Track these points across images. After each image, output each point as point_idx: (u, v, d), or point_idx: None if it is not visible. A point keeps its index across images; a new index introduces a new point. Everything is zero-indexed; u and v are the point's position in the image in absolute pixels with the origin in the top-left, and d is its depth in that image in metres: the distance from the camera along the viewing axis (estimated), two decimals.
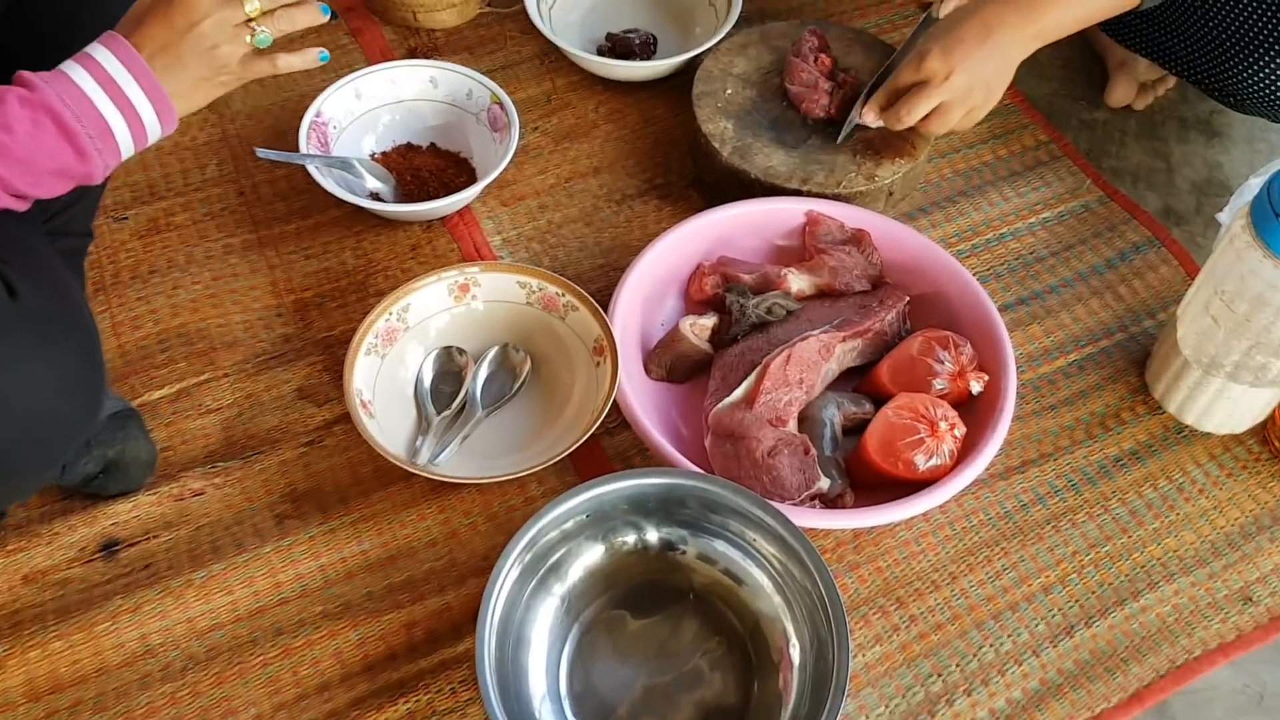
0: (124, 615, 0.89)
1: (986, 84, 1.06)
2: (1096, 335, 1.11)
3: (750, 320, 1.03)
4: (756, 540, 0.88)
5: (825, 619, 0.82)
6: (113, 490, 0.94)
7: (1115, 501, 1.00)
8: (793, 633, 0.87)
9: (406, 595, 0.92)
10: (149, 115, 0.78)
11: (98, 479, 0.93)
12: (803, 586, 0.85)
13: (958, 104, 1.07)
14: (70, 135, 0.75)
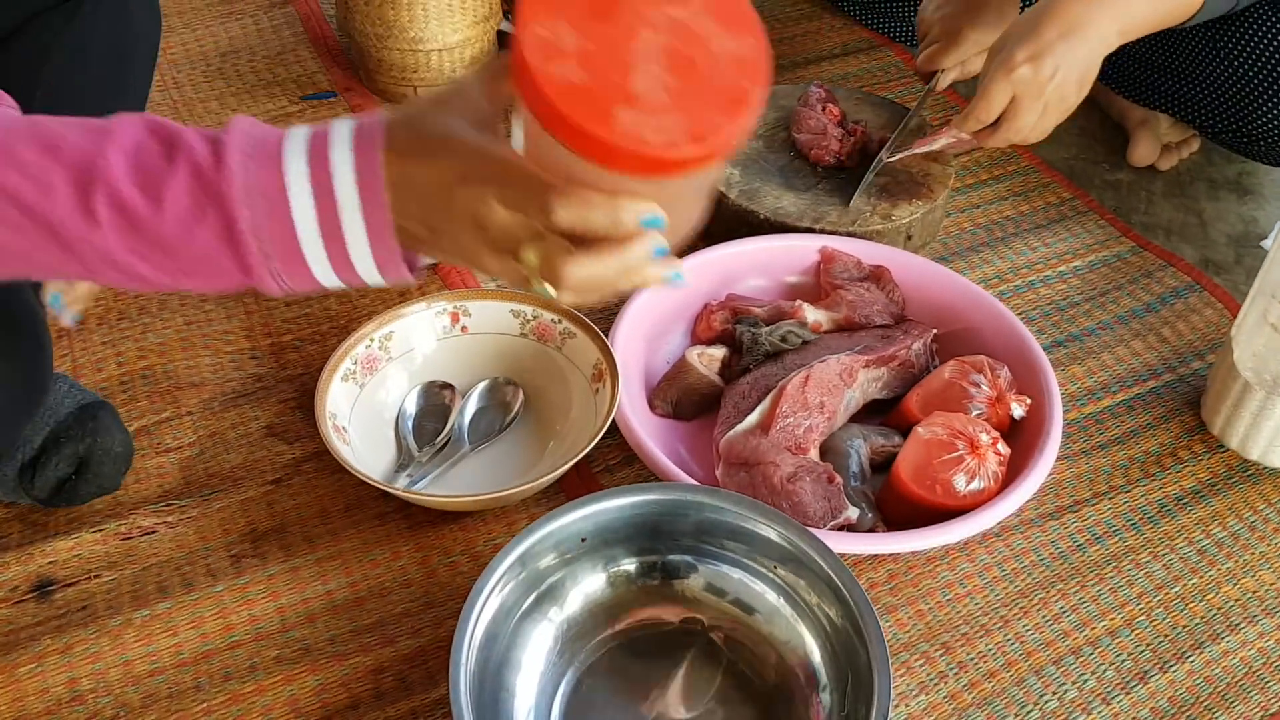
0: (52, 656, 0.78)
1: (1079, 82, 0.99)
2: (1143, 376, 1.02)
3: (764, 349, 0.94)
4: (779, 569, 0.77)
5: (865, 659, 0.70)
6: (87, 494, 0.84)
7: (1181, 541, 0.89)
8: (824, 675, 0.75)
9: (375, 639, 0.80)
10: (364, 260, 0.59)
11: (69, 483, 0.83)
12: (836, 623, 0.74)
13: (1054, 107, 1.00)
14: (237, 247, 0.57)
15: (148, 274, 0.58)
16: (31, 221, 0.55)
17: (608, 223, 0.55)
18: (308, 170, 0.57)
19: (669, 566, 0.79)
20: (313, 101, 1.30)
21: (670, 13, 0.52)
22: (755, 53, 0.52)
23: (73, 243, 0.56)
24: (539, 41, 0.50)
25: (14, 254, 0.57)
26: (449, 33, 1.24)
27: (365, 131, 0.58)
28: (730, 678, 0.77)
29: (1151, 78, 1.22)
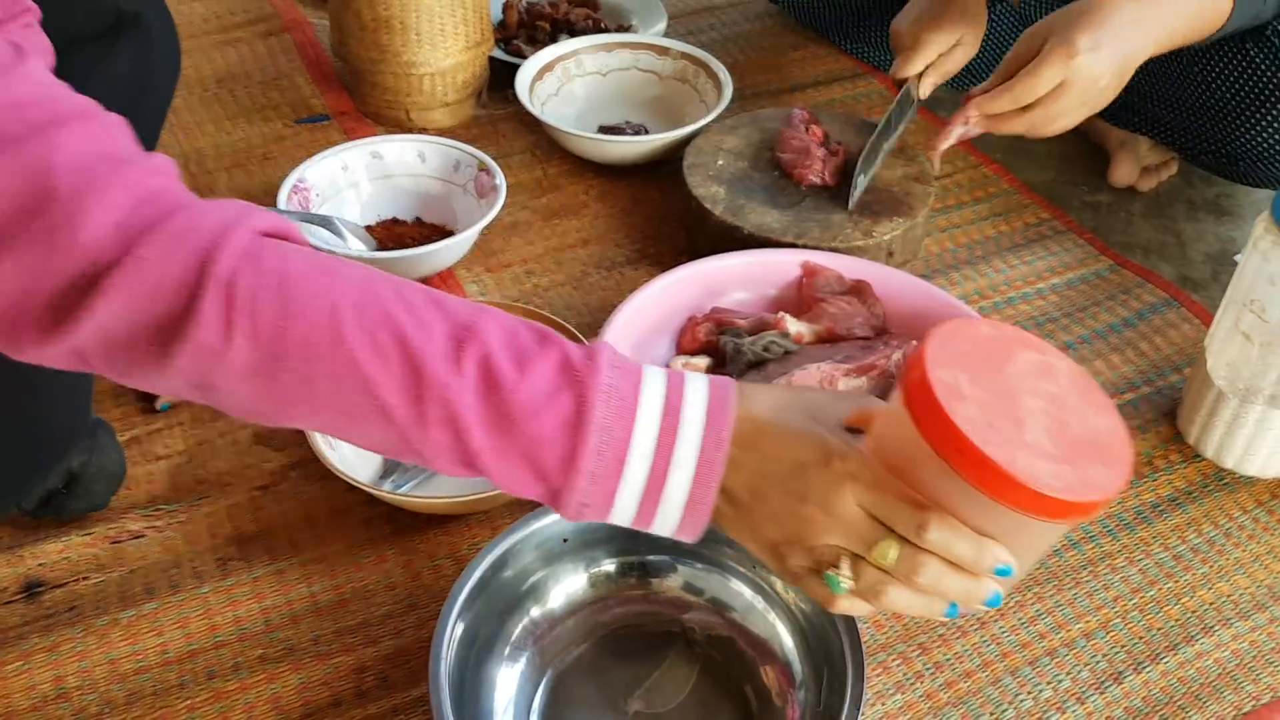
0: (39, 654, 0.79)
1: (1116, 86, 1.00)
2: (1120, 388, 1.04)
3: (746, 359, 0.96)
4: (757, 568, 0.78)
5: (841, 655, 0.71)
6: (74, 509, 0.86)
7: (1157, 547, 0.90)
8: (800, 673, 0.76)
9: (358, 639, 0.81)
10: (670, 514, 0.59)
11: (57, 496, 0.84)
12: (813, 620, 0.75)
13: (1086, 106, 1.00)
14: (577, 436, 0.57)
15: (476, 442, 0.57)
16: (401, 353, 0.56)
17: (971, 558, 0.56)
18: (664, 391, 0.59)
19: (649, 567, 0.80)
20: (307, 124, 1.32)
21: (1045, 386, 0.59)
22: (1119, 429, 0.59)
23: (429, 386, 0.56)
24: (944, 384, 0.56)
25: (362, 382, 0.56)
26: (441, 57, 1.27)
27: (721, 382, 0.60)
28: (708, 676, 0.78)
29: (1132, 101, 1.24)
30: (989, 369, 0.59)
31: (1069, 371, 0.61)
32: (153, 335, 0.53)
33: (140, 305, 0.52)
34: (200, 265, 0.53)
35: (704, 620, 0.79)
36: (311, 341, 0.55)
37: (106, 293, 0.51)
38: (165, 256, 0.52)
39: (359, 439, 0.60)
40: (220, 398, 0.57)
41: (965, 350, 0.59)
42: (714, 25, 1.57)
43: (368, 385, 0.56)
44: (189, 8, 1.51)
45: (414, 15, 1.24)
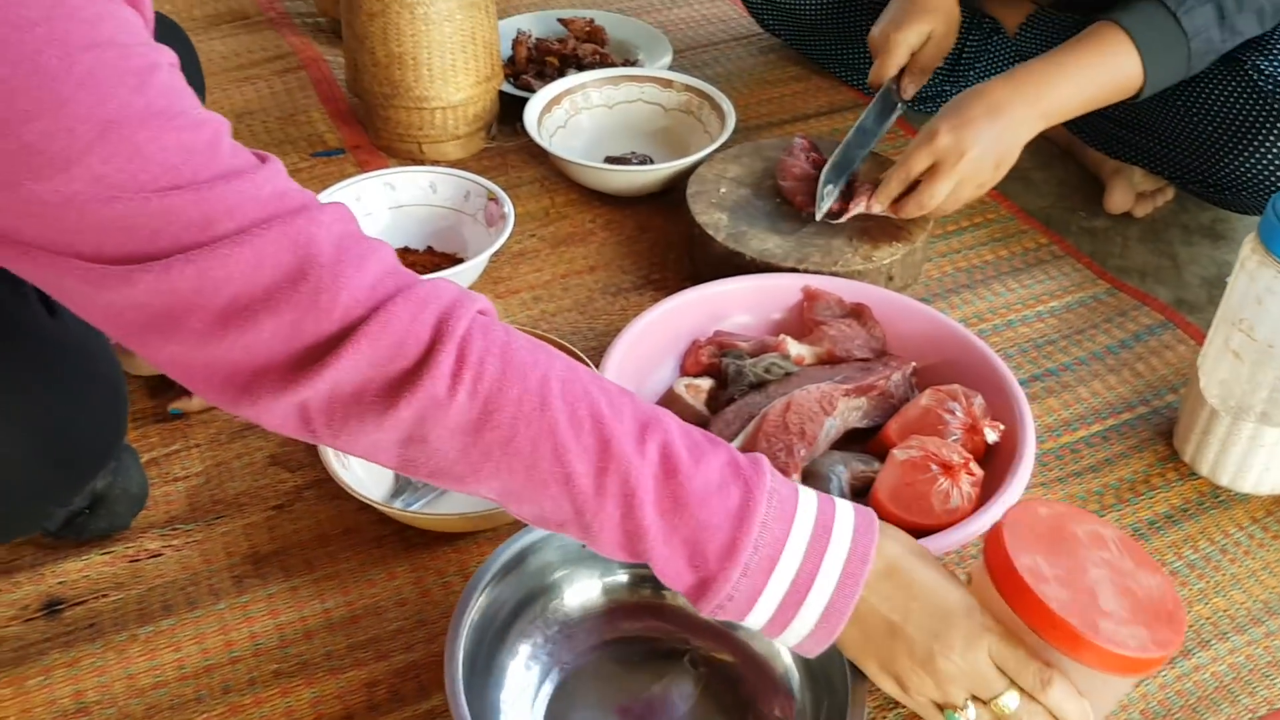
0: (59, 670, 0.81)
1: (996, 161, 1.08)
2: (1118, 409, 1.06)
3: (748, 380, 0.98)
4: None
5: (841, 671, 0.73)
6: (96, 530, 0.88)
7: None
8: (799, 690, 0.77)
9: (370, 654, 0.83)
10: (805, 620, 0.65)
11: (81, 516, 0.87)
12: None
13: (969, 181, 1.08)
14: (741, 525, 0.63)
15: (646, 520, 0.62)
16: (594, 426, 0.62)
17: (1077, 716, 0.66)
18: (816, 505, 0.66)
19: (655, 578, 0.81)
20: (323, 158, 1.36)
21: (1102, 554, 0.71)
22: (1168, 585, 0.70)
23: (614, 459, 0.62)
24: (1028, 569, 0.67)
25: (555, 449, 0.61)
26: (452, 92, 1.31)
27: (866, 511, 0.68)
28: (709, 692, 0.79)
29: (1120, 133, 1.27)
30: (1057, 547, 0.70)
31: (1115, 537, 0.72)
32: (383, 387, 0.59)
33: (380, 357, 0.58)
34: (439, 324, 0.60)
35: (707, 635, 0.81)
36: (522, 403, 0.61)
37: (355, 343, 0.57)
38: (411, 315, 0.59)
39: (533, 505, 0.64)
40: (423, 453, 0.62)
41: (1035, 532, 0.70)
42: (718, 59, 1.61)
43: (559, 451, 0.61)
44: (209, 46, 1.56)
45: (426, 52, 1.27)
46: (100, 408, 0.77)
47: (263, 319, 0.56)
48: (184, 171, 0.55)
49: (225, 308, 0.56)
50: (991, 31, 1.43)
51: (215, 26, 1.62)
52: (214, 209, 0.55)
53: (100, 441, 0.79)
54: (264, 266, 0.56)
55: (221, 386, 0.59)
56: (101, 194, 0.53)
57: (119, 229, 0.54)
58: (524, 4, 1.75)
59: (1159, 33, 1.05)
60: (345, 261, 0.58)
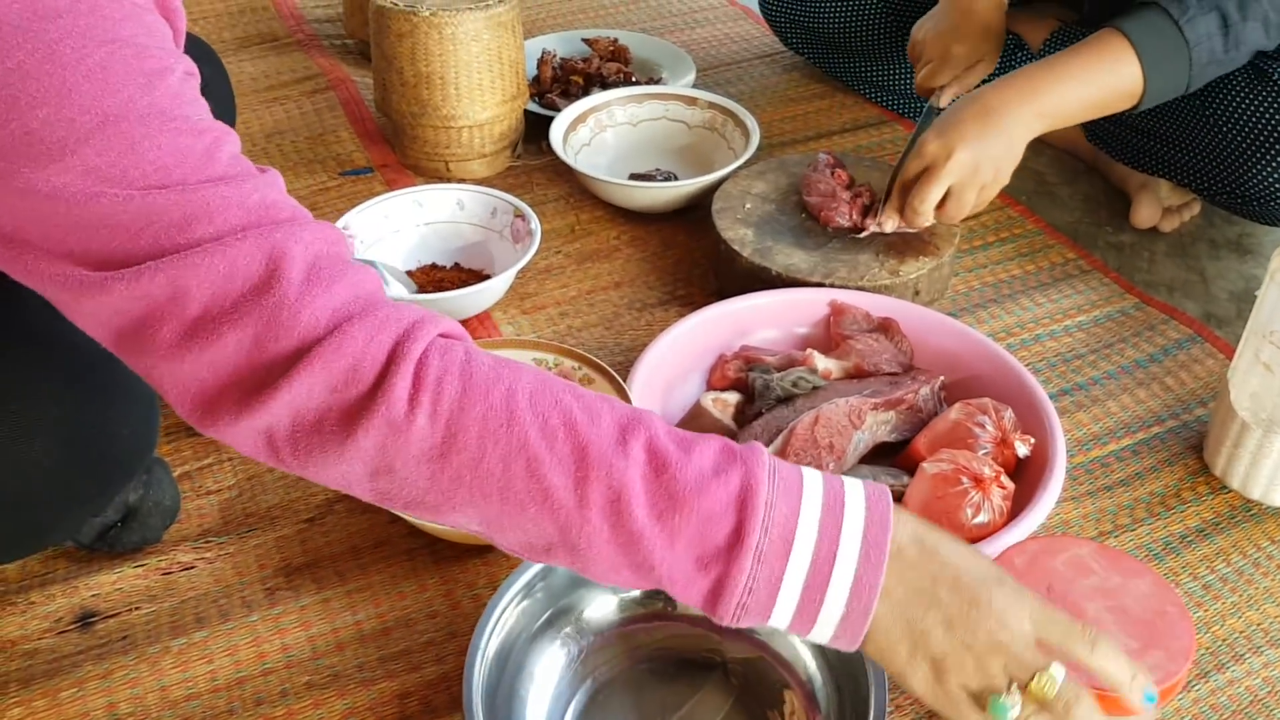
0: (93, 682, 0.82)
1: (994, 162, 1.07)
2: (1148, 422, 1.05)
3: (775, 394, 0.98)
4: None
5: (864, 678, 0.73)
6: (129, 542, 0.89)
7: (1185, 576, 0.91)
8: (823, 699, 0.77)
9: (401, 666, 0.83)
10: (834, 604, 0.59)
11: (114, 529, 0.87)
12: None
13: (968, 184, 1.07)
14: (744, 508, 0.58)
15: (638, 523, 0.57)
16: (568, 435, 0.58)
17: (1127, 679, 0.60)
18: (822, 480, 0.60)
19: None
20: (350, 177, 1.37)
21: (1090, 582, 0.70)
22: (1157, 582, 0.71)
23: (593, 467, 0.58)
24: None
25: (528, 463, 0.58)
26: (479, 110, 1.32)
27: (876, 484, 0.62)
28: (739, 707, 0.79)
29: (1146, 144, 1.27)
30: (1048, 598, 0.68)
31: (1092, 553, 0.72)
32: (342, 414, 0.57)
33: (336, 381, 0.56)
34: (395, 347, 0.57)
35: (735, 646, 0.81)
36: (487, 420, 0.58)
37: (308, 365, 0.55)
38: (367, 338, 0.57)
39: (516, 532, 0.60)
40: (393, 483, 0.59)
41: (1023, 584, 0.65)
42: (741, 77, 1.61)
43: (533, 466, 0.58)
44: (239, 68, 1.58)
45: (453, 71, 1.29)
46: (131, 416, 0.78)
47: (226, 331, 0.55)
48: (175, 173, 0.55)
49: (196, 319, 0.55)
50: (1016, 48, 1.43)
51: (245, 49, 1.65)
52: (195, 210, 0.55)
53: (132, 449, 0.80)
54: (235, 277, 0.55)
55: (192, 405, 0.58)
56: (90, 187, 0.53)
57: (103, 225, 0.54)
58: (549, 24, 1.76)
59: (1160, 39, 1.05)
60: (315, 281, 0.57)
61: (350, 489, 0.61)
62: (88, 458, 0.75)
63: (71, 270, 0.55)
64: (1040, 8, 1.42)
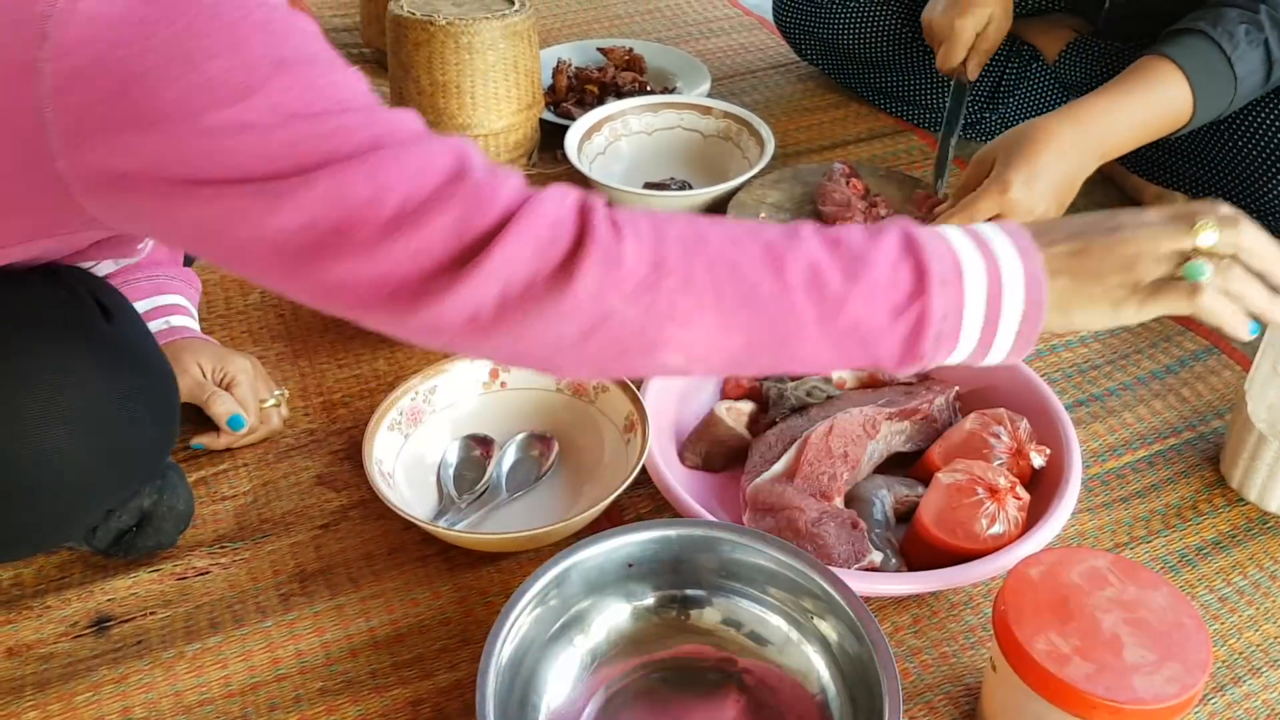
0: (108, 686, 0.82)
1: (1059, 201, 1.08)
2: (1164, 433, 1.05)
3: (789, 403, 0.98)
4: (799, 602, 0.79)
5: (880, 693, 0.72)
6: (144, 547, 0.89)
7: (1202, 589, 0.90)
8: (837, 710, 0.77)
9: (415, 673, 0.83)
10: (1013, 304, 0.65)
11: (129, 535, 0.88)
12: (850, 654, 0.76)
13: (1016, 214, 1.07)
14: (921, 318, 0.64)
15: (837, 286, 0.63)
16: (752, 239, 0.64)
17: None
18: (979, 257, 0.66)
19: (689, 600, 0.81)
20: None
21: (1107, 594, 0.70)
22: (1174, 596, 0.70)
23: (783, 254, 0.63)
24: (1047, 654, 0.67)
25: (730, 268, 0.63)
26: (494, 119, 1.32)
27: (1014, 235, 0.67)
28: (753, 717, 0.79)
29: (1162, 158, 1.27)
30: (1063, 611, 0.69)
31: (1109, 564, 0.72)
32: (551, 271, 0.60)
33: (541, 240, 0.60)
34: (580, 205, 0.62)
35: (749, 658, 0.81)
36: (684, 242, 0.63)
37: (513, 231, 0.59)
38: (556, 202, 0.61)
39: (723, 350, 0.64)
40: (607, 335, 0.62)
41: (1039, 604, 0.70)
42: (756, 87, 1.62)
43: (735, 270, 0.62)
44: None
45: (469, 80, 1.29)
46: (154, 411, 0.78)
47: (432, 217, 0.58)
48: (352, 104, 0.59)
49: (394, 213, 0.58)
50: (1031, 59, 1.43)
51: None
52: (380, 131, 0.59)
53: (154, 444, 0.80)
54: (430, 170, 0.59)
55: (391, 300, 0.60)
56: (277, 119, 0.56)
57: (293, 147, 0.57)
58: (565, 33, 1.77)
59: (1212, 73, 1.05)
60: (494, 169, 0.62)
61: (554, 361, 0.64)
62: (111, 448, 0.76)
63: (266, 183, 0.57)
64: (1055, 18, 1.42)
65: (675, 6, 1.90)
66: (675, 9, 1.89)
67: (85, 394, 0.72)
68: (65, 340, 0.72)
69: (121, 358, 0.76)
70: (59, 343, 0.72)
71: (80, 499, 0.78)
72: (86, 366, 0.73)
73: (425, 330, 0.61)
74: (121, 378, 0.75)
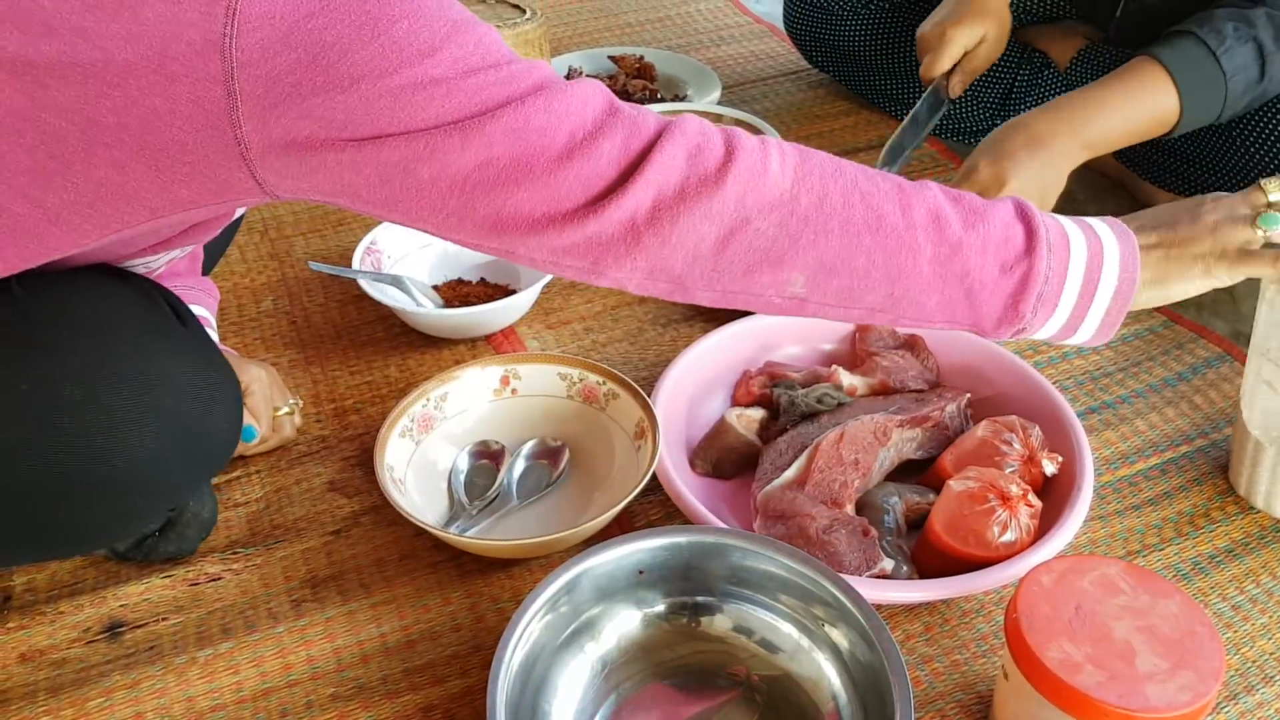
0: (120, 691, 0.82)
1: (1041, 192, 1.07)
2: (1175, 441, 1.04)
3: (800, 410, 0.98)
4: (811, 610, 0.79)
5: (890, 698, 0.72)
6: (163, 553, 0.90)
7: (1215, 597, 0.90)
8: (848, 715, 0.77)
9: (425, 679, 0.83)
10: (1093, 320, 0.75)
11: (150, 539, 0.88)
12: (861, 661, 0.76)
13: None
14: (1027, 276, 0.72)
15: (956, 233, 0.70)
16: (883, 180, 0.71)
17: None
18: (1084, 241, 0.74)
19: (700, 607, 0.81)
20: None
21: (1119, 602, 0.71)
22: (1186, 603, 0.71)
23: (911, 193, 0.71)
24: (1059, 662, 0.67)
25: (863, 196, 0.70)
26: None
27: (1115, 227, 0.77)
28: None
29: (1173, 164, 1.27)
30: (1075, 618, 0.70)
31: (1121, 571, 0.72)
32: (702, 176, 0.67)
33: (690, 149, 0.67)
34: (726, 129, 0.70)
35: (760, 665, 0.81)
36: (824, 167, 0.70)
37: (667, 142, 0.67)
38: (698, 124, 0.69)
39: (842, 273, 0.70)
40: (744, 240, 0.68)
41: (1051, 611, 0.70)
42: (766, 94, 1.62)
43: (867, 198, 0.69)
44: None
45: None
46: (222, 413, 0.79)
47: (599, 143, 0.65)
48: (511, 56, 0.66)
49: (566, 143, 0.65)
50: (1042, 66, 1.43)
51: None
52: (541, 76, 0.66)
53: (224, 443, 0.81)
54: (590, 103, 0.66)
55: (559, 220, 0.66)
56: (459, 71, 0.63)
57: (477, 93, 0.63)
58: (576, 42, 1.77)
59: (1198, 70, 1.05)
60: (635, 105, 0.70)
61: (690, 268, 0.69)
62: (189, 446, 0.76)
63: (454, 126, 0.63)
64: (1066, 25, 1.42)
65: (686, 15, 1.90)
66: (686, 17, 1.89)
67: (169, 394, 0.74)
68: (150, 343, 0.74)
69: (197, 359, 0.78)
70: (144, 345, 0.74)
71: (161, 495, 0.78)
72: (169, 368, 0.74)
73: (579, 247, 0.67)
74: (198, 378, 0.77)
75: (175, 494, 0.82)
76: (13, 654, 0.85)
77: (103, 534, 0.82)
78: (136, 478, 0.73)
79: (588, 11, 1.91)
